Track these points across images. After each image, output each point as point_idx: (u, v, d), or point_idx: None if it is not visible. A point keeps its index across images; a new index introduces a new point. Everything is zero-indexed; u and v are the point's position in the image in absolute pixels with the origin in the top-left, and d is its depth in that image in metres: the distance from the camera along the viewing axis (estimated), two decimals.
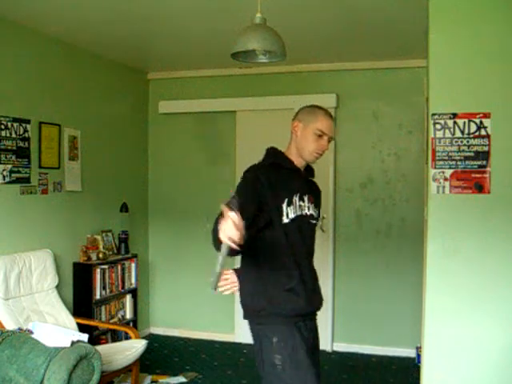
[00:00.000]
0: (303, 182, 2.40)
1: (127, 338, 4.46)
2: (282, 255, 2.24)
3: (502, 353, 2.79)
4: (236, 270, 2.36)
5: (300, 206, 2.30)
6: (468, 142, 2.84)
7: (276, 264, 2.24)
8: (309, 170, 2.47)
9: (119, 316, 4.83)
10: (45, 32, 4.15)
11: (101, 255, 4.62)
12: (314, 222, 2.39)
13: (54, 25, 3.99)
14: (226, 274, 2.32)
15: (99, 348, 3.51)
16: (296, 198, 2.29)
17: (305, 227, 2.33)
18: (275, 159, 2.35)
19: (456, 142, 2.86)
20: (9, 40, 3.88)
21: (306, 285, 2.27)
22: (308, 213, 2.34)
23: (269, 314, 2.22)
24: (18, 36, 3.96)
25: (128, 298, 4.97)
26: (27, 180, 4.03)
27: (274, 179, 2.24)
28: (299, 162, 2.37)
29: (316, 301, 2.37)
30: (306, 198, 2.34)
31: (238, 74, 5.37)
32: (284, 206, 2.24)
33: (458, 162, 2.86)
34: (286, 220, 2.24)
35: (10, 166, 3.86)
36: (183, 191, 5.61)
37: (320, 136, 2.31)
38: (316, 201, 2.45)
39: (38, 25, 3.99)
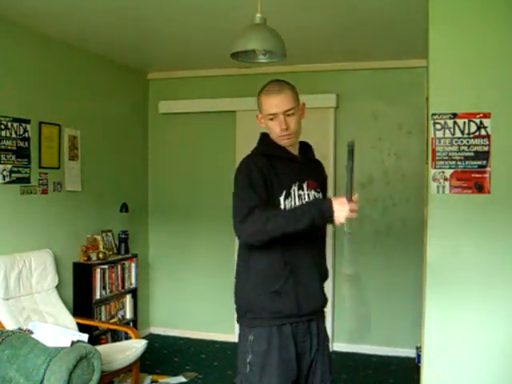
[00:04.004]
0: (300, 167, 2.21)
1: (127, 337, 4.46)
2: (273, 253, 2.09)
3: (502, 353, 2.79)
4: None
5: (299, 195, 2.15)
6: (468, 142, 2.84)
7: (264, 263, 2.11)
8: (305, 151, 2.29)
9: (119, 316, 4.83)
10: (45, 32, 4.15)
11: (101, 255, 4.62)
12: None
13: (55, 25, 3.99)
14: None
15: (99, 348, 3.51)
16: (295, 188, 2.14)
17: None
18: (267, 149, 2.20)
19: (456, 142, 2.86)
20: (9, 40, 3.88)
21: (298, 285, 2.12)
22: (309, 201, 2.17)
23: (250, 315, 2.14)
24: (18, 36, 3.96)
25: (128, 298, 4.97)
26: (27, 180, 4.03)
27: (269, 170, 2.11)
28: (291, 148, 2.21)
29: (313, 303, 2.19)
30: (305, 186, 2.18)
31: (237, 74, 5.37)
32: (282, 199, 2.11)
33: (458, 162, 2.86)
34: None
35: (9, 166, 3.86)
36: (183, 191, 5.61)
37: (273, 118, 2.14)
38: (319, 184, 2.27)
39: (38, 25, 3.99)
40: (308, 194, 2.18)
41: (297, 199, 2.14)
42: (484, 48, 2.82)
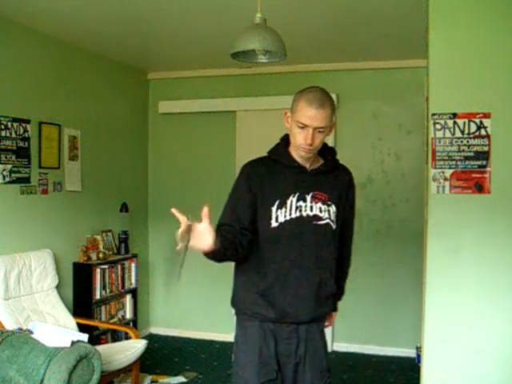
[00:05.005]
0: (308, 177, 2.14)
1: (127, 337, 4.46)
2: (261, 260, 2.10)
3: (502, 352, 2.79)
4: None
5: (298, 207, 2.09)
6: (468, 142, 2.84)
7: (251, 264, 2.14)
8: (328, 161, 2.22)
9: (119, 316, 4.83)
10: (45, 32, 4.15)
11: (101, 255, 4.62)
12: (323, 222, 2.13)
13: (54, 25, 3.99)
14: None
15: (99, 348, 3.51)
16: (293, 199, 2.08)
17: (305, 229, 2.10)
18: (275, 154, 2.17)
19: (456, 142, 2.85)
20: (9, 40, 3.88)
21: (285, 293, 2.09)
22: (311, 213, 2.10)
23: (237, 310, 2.24)
24: (18, 36, 3.96)
25: (128, 298, 4.97)
26: (27, 180, 4.03)
27: (263, 179, 2.09)
28: (305, 158, 2.13)
29: (301, 312, 2.12)
30: (308, 197, 2.10)
31: (237, 74, 5.37)
32: (274, 208, 2.07)
33: (458, 162, 2.86)
34: (274, 224, 2.07)
35: (9, 166, 3.86)
36: (183, 191, 5.61)
37: (303, 128, 2.05)
38: (333, 196, 2.18)
39: (39, 25, 3.99)
40: (311, 207, 2.11)
41: (293, 210, 2.08)
42: (484, 48, 2.82)
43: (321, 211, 2.13)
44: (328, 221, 2.15)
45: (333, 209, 2.17)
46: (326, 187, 2.17)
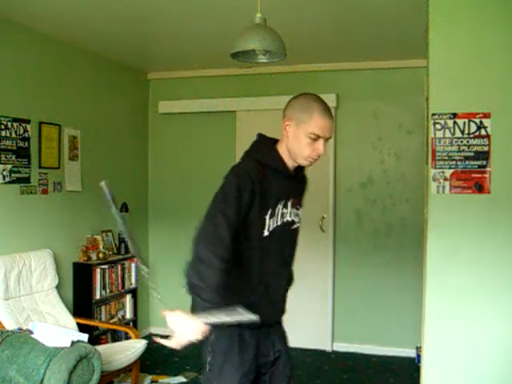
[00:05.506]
0: (290, 184, 2.09)
1: (127, 337, 4.46)
2: (250, 267, 2.01)
3: (502, 352, 2.79)
4: None
5: (283, 214, 2.04)
6: (468, 142, 2.84)
7: (240, 276, 2.00)
8: (300, 167, 2.14)
9: (119, 316, 4.83)
10: (45, 32, 4.15)
11: (101, 255, 4.62)
12: (296, 226, 2.13)
13: (54, 24, 3.99)
14: None
15: (99, 348, 3.51)
16: (280, 206, 2.02)
17: (285, 235, 2.07)
18: (266, 158, 2.04)
19: (456, 142, 2.86)
20: (9, 40, 3.88)
21: (270, 298, 2.06)
22: (290, 219, 2.07)
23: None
24: (18, 36, 3.96)
25: (128, 298, 4.97)
26: (27, 180, 4.03)
27: (260, 185, 1.95)
28: (291, 164, 2.06)
29: (277, 316, 2.16)
30: (289, 204, 2.07)
31: (237, 74, 5.37)
32: (267, 217, 1.99)
33: (458, 162, 2.86)
34: (266, 233, 1.99)
35: (9, 166, 3.86)
36: (183, 191, 5.61)
37: (315, 139, 1.97)
38: (300, 200, 2.17)
39: (38, 24, 3.99)
40: (290, 213, 2.08)
41: (279, 217, 2.03)
42: (484, 48, 2.82)
43: (296, 216, 2.12)
44: (299, 224, 2.15)
45: (300, 212, 2.17)
46: (297, 191, 2.17)
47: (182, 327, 1.80)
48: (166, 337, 1.80)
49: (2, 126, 3.79)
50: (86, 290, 4.41)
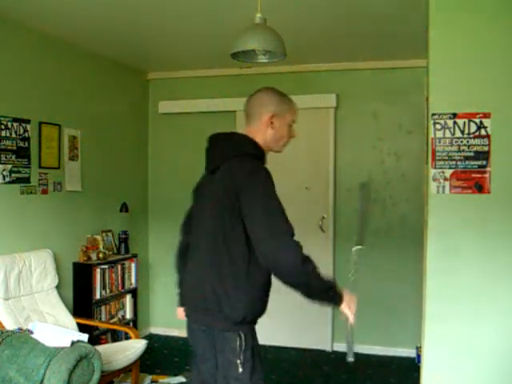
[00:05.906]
0: None
1: (127, 337, 4.46)
2: (264, 271, 2.13)
3: (502, 352, 2.79)
4: None
5: None
6: (468, 142, 2.84)
7: (264, 275, 2.14)
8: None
9: (119, 316, 4.83)
10: (45, 32, 4.15)
11: (101, 255, 4.62)
12: None
13: (54, 24, 3.99)
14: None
15: (99, 348, 3.51)
16: None
17: None
18: (263, 155, 2.27)
19: (456, 142, 2.86)
20: (9, 40, 3.88)
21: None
22: None
23: (250, 319, 2.18)
24: (18, 36, 3.96)
25: (128, 298, 4.97)
26: (27, 180, 4.03)
27: None
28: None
29: None
30: None
31: (237, 74, 5.36)
32: None
33: (458, 162, 2.86)
34: None
35: (9, 166, 3.86)
36: (183, 191, 5.57)
37: (291, 126, 2.29)
38: None
39: (38, 24, 3.99)
40: None
41: None
42: (484, 48, 2.82)
43: None
44: None
45: None
46: None
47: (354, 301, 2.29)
48: None
49: (2, 126, 3.79)
50: (86, 290, 4.41)
